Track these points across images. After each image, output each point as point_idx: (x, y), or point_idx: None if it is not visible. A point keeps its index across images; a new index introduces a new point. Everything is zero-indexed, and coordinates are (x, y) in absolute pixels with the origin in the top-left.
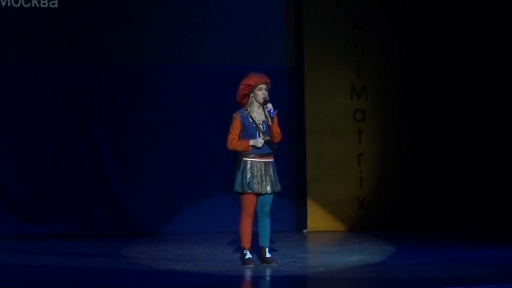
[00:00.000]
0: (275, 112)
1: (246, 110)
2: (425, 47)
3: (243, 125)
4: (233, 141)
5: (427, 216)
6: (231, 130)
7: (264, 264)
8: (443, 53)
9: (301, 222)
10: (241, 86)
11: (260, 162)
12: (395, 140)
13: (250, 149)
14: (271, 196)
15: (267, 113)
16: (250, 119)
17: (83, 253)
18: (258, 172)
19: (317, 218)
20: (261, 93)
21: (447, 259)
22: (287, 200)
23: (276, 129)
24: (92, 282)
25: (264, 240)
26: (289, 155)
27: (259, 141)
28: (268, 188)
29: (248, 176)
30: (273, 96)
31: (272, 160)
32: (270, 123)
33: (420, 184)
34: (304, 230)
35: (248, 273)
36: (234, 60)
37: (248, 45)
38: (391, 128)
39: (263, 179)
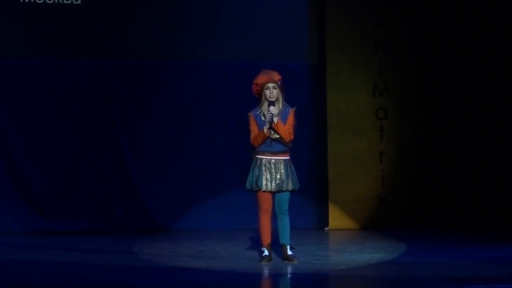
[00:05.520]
0: (276, 117)
1: (260, 108)
2: (447, 45)
3: (257, 123)
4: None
5: (449, 214)
6: (250, 129)
7: (286, 261)
8: (465, 51)
9: (323, 220)
10: (252, 85)
11: (271, 159)
12: (417, 138)
13: (268, 134)
14: (287, 194)
15: (267, 116)
16: (262, 117)
17: (104, 250)
18: (267, 169)
19: (339, 216)
20: (268, 92)
21: (468, 257)
22: (309, 198)
23: (283, 129)
24: (113, 279)
25: (284, 238)
26: (311, 153)
27: (266, 127)
28: (274, 185)
29: (257, 173)
30: (295, 94)
31: (285, 158)
32: (269, 126)
33: (441, 182)
34: (326, 228)
35: (268, 270)
36: (256, 58)
37: (270, 42)
38: (413, 126)
39: (273, 176)
